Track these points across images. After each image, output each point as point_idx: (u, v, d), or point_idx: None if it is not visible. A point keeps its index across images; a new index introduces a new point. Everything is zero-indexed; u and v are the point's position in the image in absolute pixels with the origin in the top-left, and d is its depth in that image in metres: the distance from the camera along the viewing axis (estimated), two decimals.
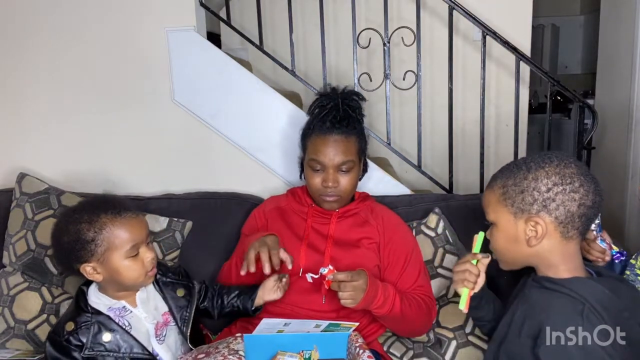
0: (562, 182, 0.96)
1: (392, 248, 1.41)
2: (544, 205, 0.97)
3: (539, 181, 0.97)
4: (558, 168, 0.97)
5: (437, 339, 1.45)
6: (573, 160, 0.99)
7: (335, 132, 1.37)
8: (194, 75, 1.80)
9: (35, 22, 1.81)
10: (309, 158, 1.40)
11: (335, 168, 1.37)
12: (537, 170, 0.98)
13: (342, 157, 1.36)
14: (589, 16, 4.43)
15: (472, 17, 1.81)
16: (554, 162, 0.98)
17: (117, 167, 1.87)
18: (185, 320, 1.24)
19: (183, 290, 1.28)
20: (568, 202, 0.96)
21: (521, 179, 0.99)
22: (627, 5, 2.58)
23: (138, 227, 1.15)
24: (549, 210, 0.97)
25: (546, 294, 0.98)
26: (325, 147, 1.36)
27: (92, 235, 1.11)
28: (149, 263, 1.16)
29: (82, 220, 1.11)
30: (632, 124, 2.55)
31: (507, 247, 1.05)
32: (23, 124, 1.89)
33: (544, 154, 1.01)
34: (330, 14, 2.34)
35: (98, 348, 1.13)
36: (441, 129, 2.08)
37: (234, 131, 1.83)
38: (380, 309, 1.25)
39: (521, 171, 1.00)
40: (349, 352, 1.24)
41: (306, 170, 1.42)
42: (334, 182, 1.36)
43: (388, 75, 1.88)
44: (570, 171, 0.97)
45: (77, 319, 1.15)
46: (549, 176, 0.97)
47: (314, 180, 1.39)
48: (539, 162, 0.99)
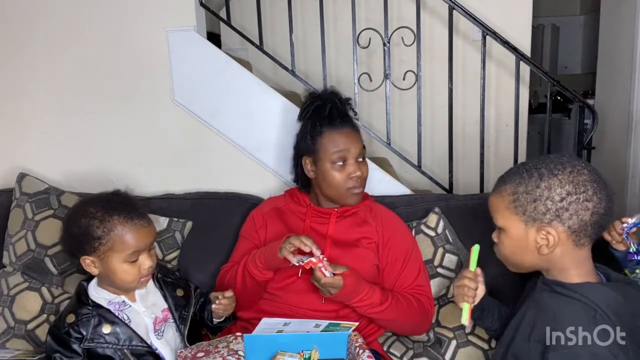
0: (576, 191, 0.93)
1: (391, 248, 1.41)
2: (557, 215, 0.94)
3: (552, 190, 0.94)
4: (571, 176, 0.94)
5: (437, 338, 1.45)
6: (585, 166, 0.96)
7: (346, 125, 1.42)
8: (194, 75, 1.80)
9: (36, 21, 1.81)
10: (331, 153, 1.38)
11: (356, 158, 1.40)
12: (550, 178, 0.94)
13: (359, 146, 1.41)
14: (589, 16, 4.43)
15: (472, 17, 1.81)
16: (567, 168, 0.95)
17: (117, 167, 1.87)
18: (184, 319, 1.26)
19: (182, 291, 1.30)
20: (581, 211, 0.93)
21: (533, 187, 0.96)
22: (627, 5, 2.59)
23: (145, 235, 1.17)
24: (562, 220, 0.94)
25: (558, 299, 0.97)
26: (345, 138, 1.39)
27: (100, 234, 1.14)
28: (145, 270, 1.18)
29: (95, 217, 1.14)
30: (632, 124, 2.55)
31: (515, 253, 1.03)
32: (23, 124, 1.89)
33: (555, 159, 0.97)
34: (330, 14, 2.35)
35: (98, 340, 1.15)
36: (441, 129, 2.08)
37: (234, 131, 1.83)
38: (359, 309, 1.29)
39: (533, 178, 0.96)
40: (348, 352, 1.24)
41: (328, 171, 1.39)
42: (360, 170, 1.40)
43: (388, 75, 1.88)
44: (583, 178, 0.94)
45: (77, 311, 1.17)
46: (563, 185, 0.93)
47: (337, 176, 1.39)
48: (552, 168, 0.95)
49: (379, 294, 1.30)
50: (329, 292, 1.24)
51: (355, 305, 1.29)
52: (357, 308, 1.30)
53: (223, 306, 1.28)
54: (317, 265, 1.20)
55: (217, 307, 1.28)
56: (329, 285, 1.22)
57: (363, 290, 1.27)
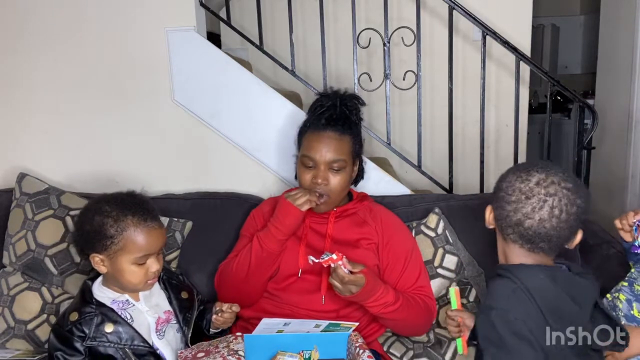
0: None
1: (391, 249, 1.41)
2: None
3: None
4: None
5: (437, 339, 1.45)
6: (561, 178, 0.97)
7: (329, 129, 1.37)
8: (193, 75, 1.80)
9: (35, 21, 1.81)
10: (301, 154, 1.40)
11: (327, 165, 1.35)
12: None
13: (334, 154, 1.35)
14: (589, 16, 4.43)
15: (472, 17, 1.81)
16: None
17: (117, 167, 1.87)
18: (188, 321, 1.27)
19: (187, 293, 1.31)
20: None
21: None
22: (627, 5, 2.59)
23: (156, 238, 1.18)
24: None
25: (495, 279, 1.02)
26: (318, 143, 1.36)
27: (113, 233, 1.14)
28: (152, 274, 1.19)
29: (110, 215, 1.15)
30: (632, 124, 2.55)
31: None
32: (23, 124, 1.88)
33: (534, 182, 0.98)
34: (330, 14, 2.34)
35: (100, 338, 1.15)
36: (441, 129, 2.08)
37: (234, 131, 1.83)
38: (373, 308, 1.27)
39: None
40: (348, 352, 1.24)
41: (298, 167, 1.42)
42: (324, 179, 1.35)
43: (388, 75, 1.88)
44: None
45: (81, 309, 1.18)
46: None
47: (304, 176, 1.38)
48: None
49: (393, 293, 1.29)
50: (350, 291, 1.19)
51: (370, 304, 1.25)
52: (371, 308, 1.27)
53: (223, 319, 1.27)
54: (337, 263, 1.16)
55: (216, 319, 1.27)
56: (351, 283, 1.18)
57: (379, 288, 1.25)
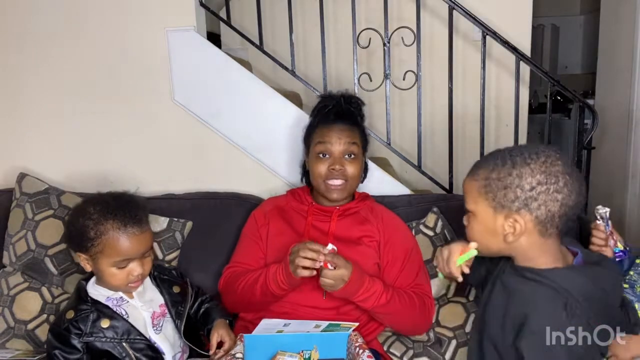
0: (547, 182, 0.93)
1: (391, 247, 1.42)
2: (526, 203, 0.94)
3: (523, 178, 0.94)
4: (544, 166, 0.94)
5: (437, 338, 1.45)
6: (560, 157, 0.96)
7: (339, 122, 1.43)
8: (194, 76, 1.80)
9: (35, 21, 1.81)
10: (315, 144, 1.43)
11: (341, 154, 1.41)
12: (523, 167, 0.95)
13: (348, 144, 1.41)
14: (589, 16, 4.43)
15: (472, 17, 1.81)
16: (541, 158, 0.95)
17: (117, 167, 1.87)
18: (180, 314, 1.28)
19: (178, 288, 1.32)
20: (550, 202, 0.94)
21: (505, 174, 0.96)
22: (627, 5, 2.59)
23: (137, 244, 1.18)
24: (530, 209, 0.95)
25: (528, 285, 0.97)
26: (331, 135, 1.41)
27: (93, 235, 1.16)
28: (133, 277, 1.19)
29: (91, 218, 1.17)
30: (632, 124, 2.55)
31: (482, 237, 1.03)
32: (23, 124, 1.88)
33: (531, 148, 0.97)
34: (330, 14, 2.34)
35: (97, 334, 1.17)
36: (441, 129, 2.08)
37: (234, 131, 1.83)
38: (363, 302, 1.27)
39: (506, 165, 0.96)
40: (348, 352, 1.24)
41: (312, 162, 1.44)
42: (341, 164, 1.39)
43: (388, 75, 1.88)
44: (555, 169, 0.94)
45: (77, 307, 1.19)
46: (534, 174, 0.94)
47: (319, 168, 1.41)
48: (526, 157, 0.95)
49: (380, 283, 1.29)
50: (342, 279, 1.20)
51: (361, 297, 1.26)
52: (363, 302, 1.27)
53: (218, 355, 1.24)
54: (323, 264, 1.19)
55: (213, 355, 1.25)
56: (331, 277, 1.19)
57: (364, 282, 1.26)
